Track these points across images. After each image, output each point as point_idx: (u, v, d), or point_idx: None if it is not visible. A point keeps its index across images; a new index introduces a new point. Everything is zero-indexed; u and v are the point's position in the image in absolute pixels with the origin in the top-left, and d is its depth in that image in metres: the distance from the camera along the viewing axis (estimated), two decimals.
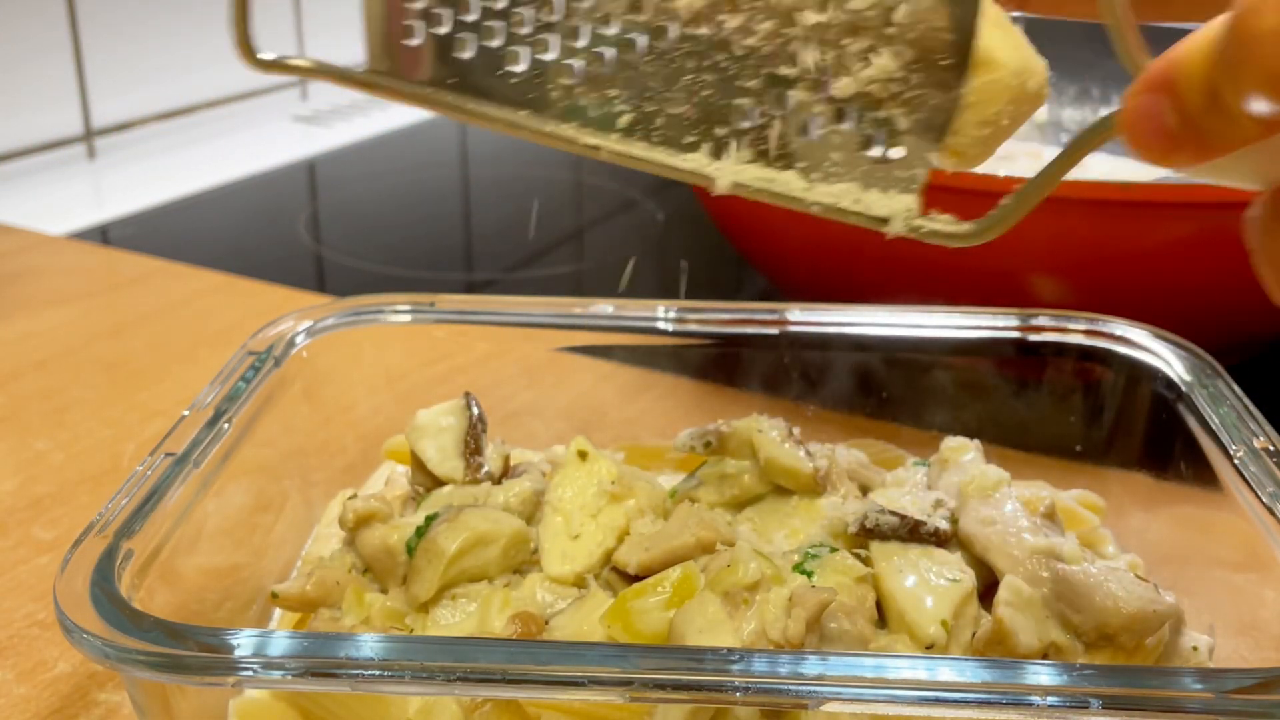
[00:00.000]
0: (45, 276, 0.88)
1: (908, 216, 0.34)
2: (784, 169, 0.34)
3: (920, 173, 0.33)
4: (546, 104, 0.35)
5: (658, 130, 0.35)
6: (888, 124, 0.33)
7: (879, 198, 0.34)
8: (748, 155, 0.34)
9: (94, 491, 0.60)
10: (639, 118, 0.35)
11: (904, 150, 0.33)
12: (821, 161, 0.34)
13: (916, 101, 0.32)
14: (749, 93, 0.34)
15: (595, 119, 0.35)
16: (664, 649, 0.38)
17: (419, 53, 0.36)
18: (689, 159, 0.35)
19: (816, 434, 0.52)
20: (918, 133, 0.33)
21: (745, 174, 0.34)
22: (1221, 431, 0.46)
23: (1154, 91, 0.29)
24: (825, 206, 0.34)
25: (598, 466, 0.47)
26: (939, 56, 0.32)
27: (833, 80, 0.33)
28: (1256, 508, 0.42)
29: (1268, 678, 0.33)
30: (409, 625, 0.43)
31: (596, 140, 0.35)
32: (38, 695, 0.47)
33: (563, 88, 0.35)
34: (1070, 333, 0.54)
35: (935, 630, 0.40)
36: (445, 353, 0.61)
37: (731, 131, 0.34)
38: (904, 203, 0.34)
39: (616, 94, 0.35)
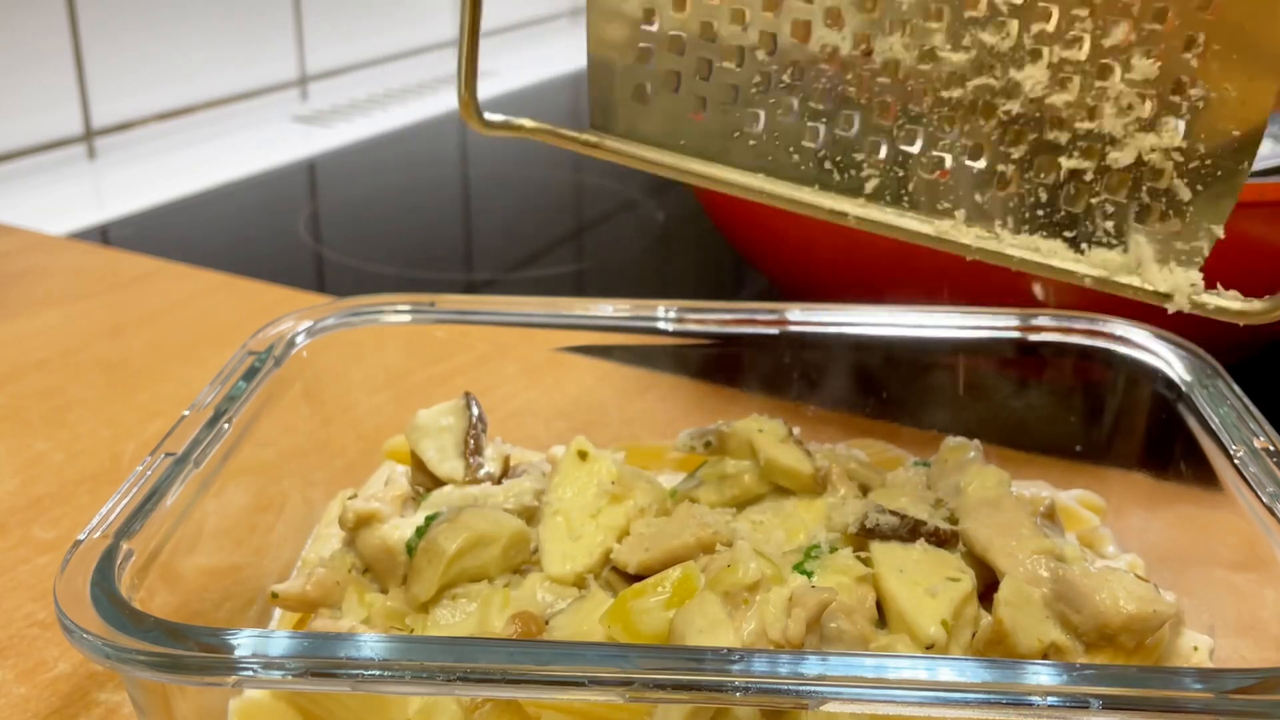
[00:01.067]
0: (45, 276, 0.88)
1: (1192, 292, 0.32)
2: (1050, 237, 0.32)
3: (1203, 245, 0.31)
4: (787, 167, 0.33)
5: (907, 195, 0.33)
6: (1169, 194, 0.31)
7: (1158, 270, 0.32)
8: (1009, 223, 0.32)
9: (94, 491, 0.60)
10: (887, 183, 0.33)
11: (1185, 223, 0.31)
12: (1092, 232, 0.32)
13: (1203, 173, 0.30)
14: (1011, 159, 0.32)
15: (838, 184, 0.33)
16: (664, 649, 0.38)
17: (648, 114, 0.34)
18: (942, 226, 0.33)
19: (816, 434, 0.52)
20: (1202, 205, 0.31)
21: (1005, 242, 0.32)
22: (1221, 431, 0.46)
23: None
24: (1098, 279, 0.32)
25: (598, 466, 0.47)
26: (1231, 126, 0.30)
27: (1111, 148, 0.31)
28: (1256, 508, 0.42)
29: (1268, 678, 0.33)
30: (409, 625, 0.43)
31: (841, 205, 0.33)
32: (38, 695, 0.47)
33: (805, 151, 0.33)
34: (1070, 333, 0.54)
35: (935, 630, 0.40)
36: (445, 353, 0.61)
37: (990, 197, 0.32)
38: (1187, 277, 0.32)
39: (863, 158, 0.32)
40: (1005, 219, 0.32)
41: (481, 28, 0.34)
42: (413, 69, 1.50)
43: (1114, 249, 0.32)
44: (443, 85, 1.46)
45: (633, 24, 0.33)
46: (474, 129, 0.36)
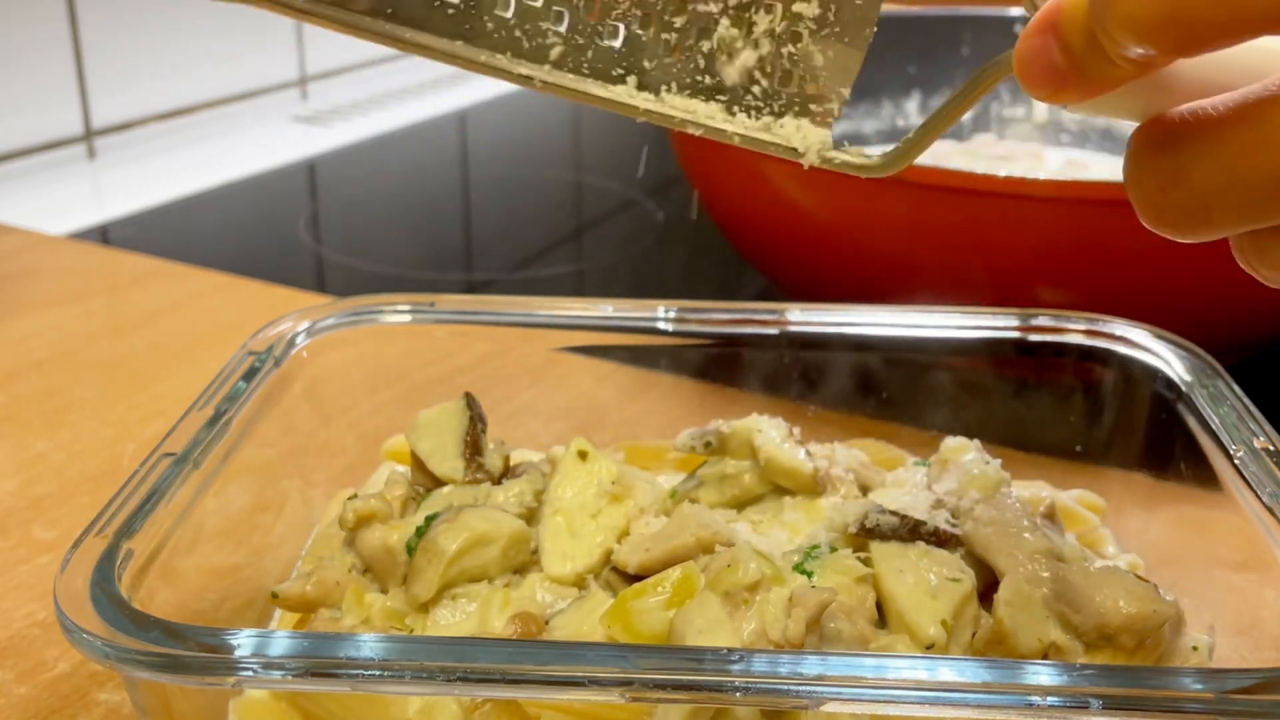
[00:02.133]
0: (45, 276, 0.88)
1: (821, 148, 0.36)
2: (707, 101, 0.36)
3: (834, 107, 0.35)
4: (482, 35, 0.36)
5: (588, 62, 0.36)
6: (806, 59, 0.35)
7: (795, 130, 0.36)
8: (673, 88, 0.36)
9: (94, 491, 0.60)
10: (569, 49, 0.36)
11: (820, 85, 0.35)
12: (743, 95, 0.36)
13: (833, 38, 0.34)
14: (674, 27, 0.35)
15: (528, 50, 0.36)
16: (664, 649, 0.38)
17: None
18: (617, 90, 0.36)
19: (816, 434, 0.52)
20: (833, 68, 0.35)
21: (668, 104, 0.36)
22: (1221, 431, 0.46)
23: (1043, 33, 0.31)
24: (744, 137, 0.36)
25: (598, 466, 0.47)
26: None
27: (755, 16, 0.35)
28: (1256, 508, 0.42)
29: (1268, 678, 0.33)
30: (409, 625, 0.43)
31: (530, 70, 0.36)
32: (38, 695, 0.47)
33: (497, 19, 0.36)
34: (1070, 333, 0.54)
35: (935, 630, 0.40)
36: (445, 353, 0.61)
37: (658, 64, 0.36)
38: (818, 135, 0.36)
39: (548, 26, 0.36)
40: (670, 84, 0.36)
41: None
42: (413, 69, 1.50)
43: (760, 110, 0.36)
44: (443, 85, 1.46)
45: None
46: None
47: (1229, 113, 0.29)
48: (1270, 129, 0.28)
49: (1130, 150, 0.32)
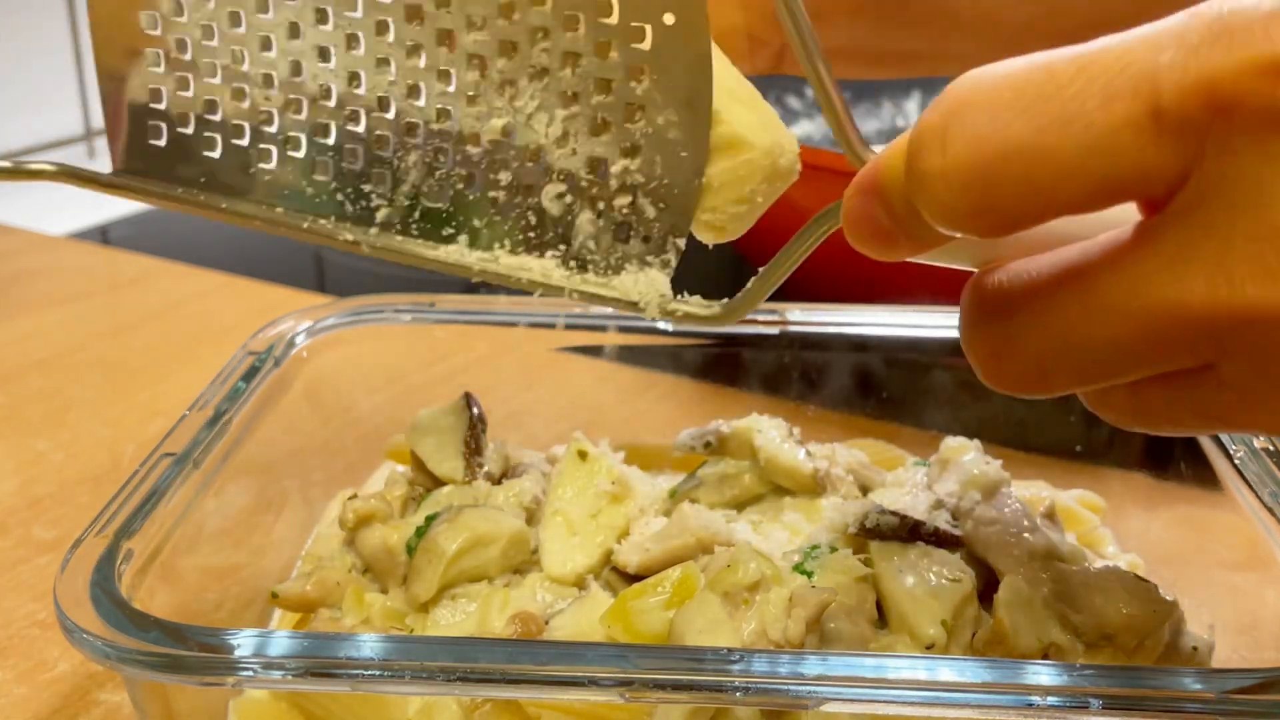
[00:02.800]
0: (45, 276, 0.88)
1: (661, 301, 0.35)
2: (542, 257, 0.35)
3: (670, 257, 0.35)
4: (303, 201, 0.35)
5: (415, 223, 0.35)
6: (638, 213, 0.34)
7: (633, 283, 0.35)
8: (506, 245, 0.35)
9: (94, 491, 0.60)
10: (394, 211, 0.35)
11: (654, 236, 0.34)
12: (578, 249, 0.35)
13: (662, 190, 0.34)
14: (501, 186, 0.34)
15: (352, 214, 0.35)
16: (664, 649, 0.38)
17: (166, 154, 0.36)
18: (448, 251, 0.35)
19: (816, 434, 0.52)
20: (666, 219, 0.34)
21: (502, 263, 0.35)
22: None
23: (864, 194, 0.31)
24: (582, 293, 0.35)
25: (598, 466, 0.47)
26: (678, 149, 0.33)
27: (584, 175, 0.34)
28: (1256, 508, 0.42)
29: (1268, 678, 0.33)
30: (409, 625, 0.43)
31: (355, 235, 0.35)
32: (38, 695, 0.47)
33: (317, 184, 0.35)
34: None
35: (935, 630, 0.40)
36: (445, 353, 0.61)
37: (487, 223, 0.35)
38: (657, 287, 0.35)
39: (371, 189, 0.35)
40: (503, 241, 0.35)
41: None
42: None
43: (595, 264, 0.35)
44: None
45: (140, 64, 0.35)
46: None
47: (1054, 278, 0.29)
48: (1097, 298, 0.28)
49: (962, 314, 0.31)
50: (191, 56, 0.35)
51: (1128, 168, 0.26)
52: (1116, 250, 0.28)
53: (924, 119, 0.28)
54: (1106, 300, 0.28)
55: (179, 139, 0.36)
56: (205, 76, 0.35)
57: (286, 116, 0.35)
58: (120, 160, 0.36)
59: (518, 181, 0.34)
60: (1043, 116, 0.26)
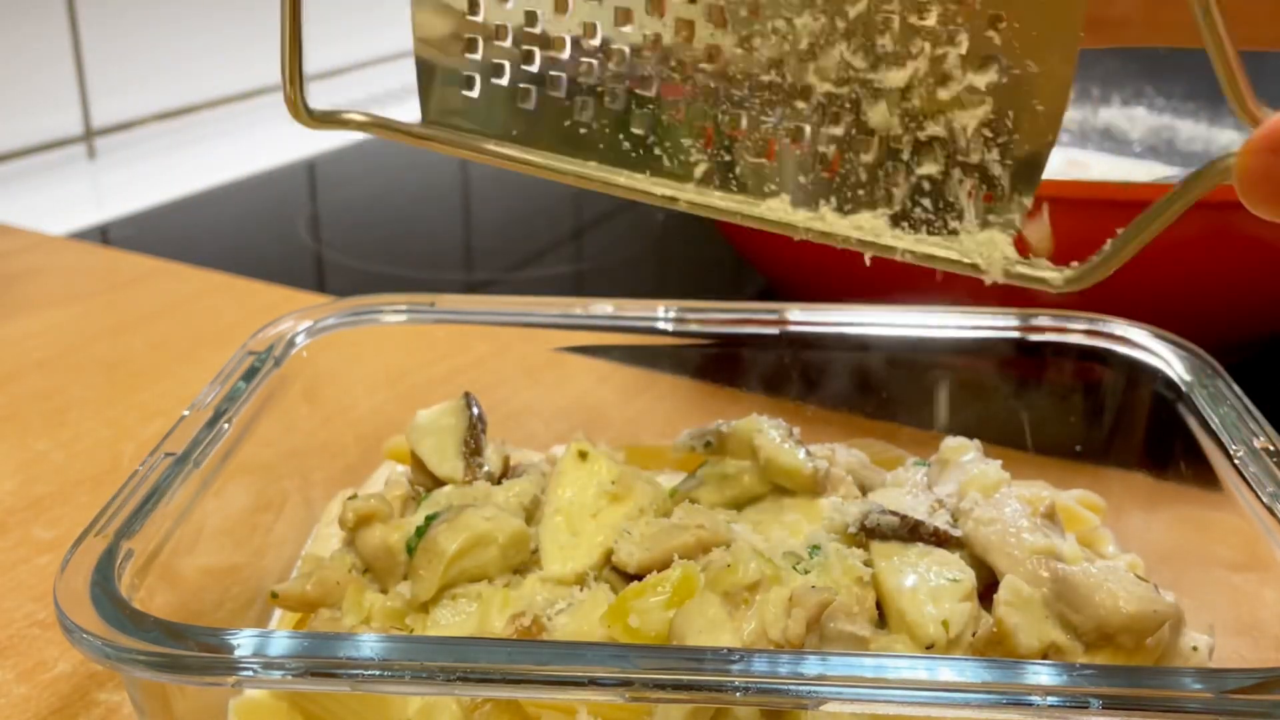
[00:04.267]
0: (45, 276, 0.88)
1: (1005, 264, 0.32)
2: (872, 215, 0.33)
3: (1015, 218, 0.32)
4: (619, 155, 0.33)
5: (735, 179, 0.33)
6: (981, 169, 0.32)
7: (974, 244, 0.32)
8: (832, 202, 0.33)
9: (94, 491, 0.60)
10: (715, 167, 0.33)
11: (998, 195, 0.32)
12: (910, 208, 0.32)
13: (1011, 146, 0.31)
14: (832, 140, 0.32)
15: (670, 169, 0.33)
16: (664, 649, 0.38)
17: (478, 105, 0.34)
18: (770, 207, 0.33)
19: (816, 434, 0.52)
20: (1013, 178, 0.32)
21: (828, 220, 0.33)
22: (1221, 431, 0.46)
23: (1273, 150, 0.28)
24: (917, 254, 0.33)
25: (598, 466, 0.47)
26: (1033, 101, 0.30)
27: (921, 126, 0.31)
28: (1256, 508, 0.42)
29: (1268, 678, 0.33)
30: (409, 625, 0.43)
31: (673, 191, 0.33)
32: (38, 695, 0.47)
33: (635, 138, 0.33)
34: (1070, 333, 0.54)
35: (935, 630, 0.40)
36: (445, 353, 0.61)
37: (813, 179, 0.32)
38: (1000, 249, 0.32)
39: (690, 143, 0.33)
40: (829, 198, 0.33)
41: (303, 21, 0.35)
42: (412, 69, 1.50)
43: (932, 224, 0.32)
44: None
45: (456, 15, 0.34)
46: (302, 124, 0.35)
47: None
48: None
49: None
50: (512, 4, 0.33)
51: None
52: None
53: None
54: None
55: (491, 91, 0.34)
56: (524, 26, 0.33)
57: (606, 69, 0.33)
58: (432, 112, 0.35)
59: (850, 135, 0.32)
60: None
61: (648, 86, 0.33)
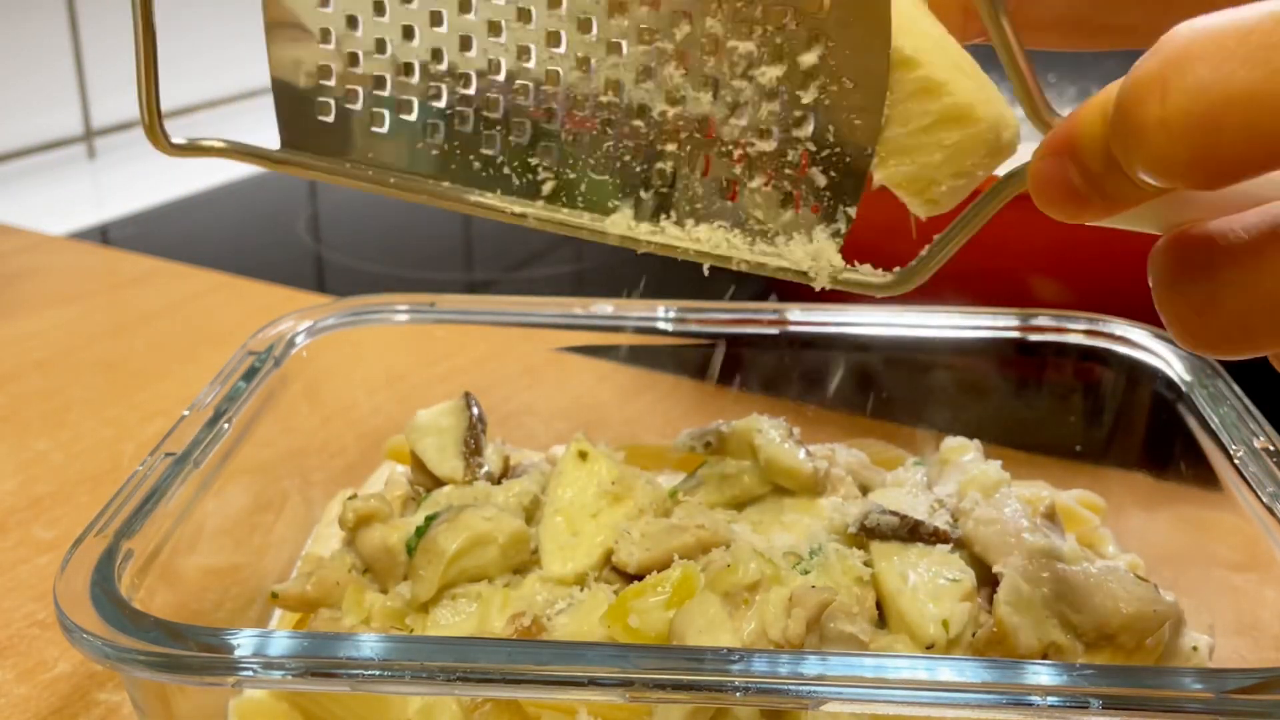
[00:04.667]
0: (45, 276, 0.88)
1: (833, 270, 0.34)
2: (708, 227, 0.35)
3: (841, 226, 0.34)
4: (470, 175, 0.35)
5: (581, 195, 0.35)
6: (808, 180, 0.34)
7: (802, 252, 0.34)
8: (671, 216, 0.35)
9: (94, 491, 0.60)
10: (562, 184, 0.35)
11: (824, 206, 0.34)
12: (744, 219, 0.34)
13: (834, 159, 0.33)
14: (668, 156, 0.34)
15: (519, 187, 0.35)
16: (664, 649, 0.38)
17: (334, 130, 0.36)
18: (614, 222, 0.35)
19: (816, 434, 0.52)
20: (836, 190, 0.34)
21: (669, 234, 0.35)
22: (1221, 431, 0.46)
23: (1057, 155, 0.30)
24: (751, 264, 0.35)
25: (598, 466, 0.47)
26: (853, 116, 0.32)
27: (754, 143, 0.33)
28: (1256, 508, 0.42)
29: (1268, 678, 0.33)
30: (409, 625, 0.43)
31: (522, 209, 0.35)
32: (38, 695, 0.47)
33: (484, 159, 0.35)
34: (1070, 333, 0.54)
35: (935, 630, 0.40)
36: (445, 353, 0.61)
37: (653, 194, 0.35)
38: (828, 256, 0.34)
39: (538, 162, 0.35)
40: (669, 212, 0.35)
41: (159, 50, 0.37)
42: None
43: (764, 234, 0.35)
44: None
45: (310, 44, 0.35)
46: (162, 152, 0.37)
47: (1261, 236, 0.28)
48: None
49: (1157, 274, 0.31)
50: (362, 33, 0.35)
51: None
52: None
53: (1140, 69, 0.27)
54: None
55: (347, 115, 0.36)
56: (375, 54, 0.35)
57: (455, 92, 0.35)
58: (289, 137, 0.37)
59: (685, 152, 0.34)
60: (1270, 64, 0.25)
61: (494, 109, 0.35)
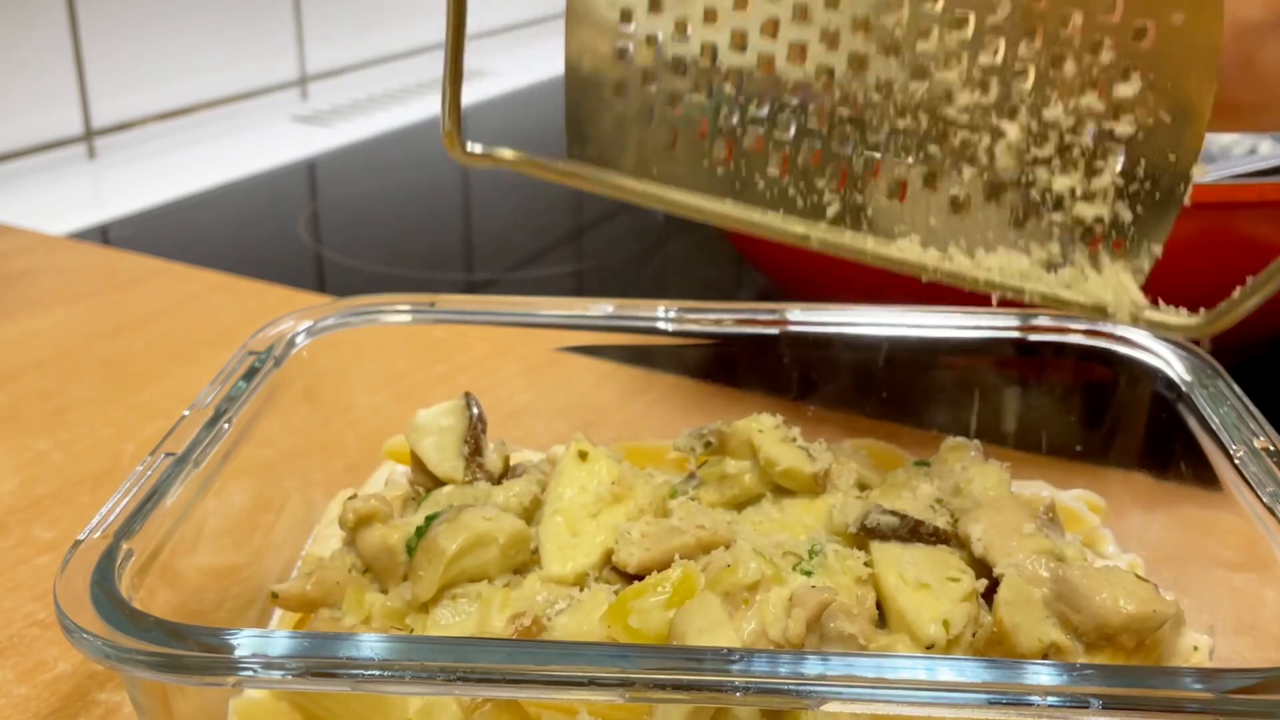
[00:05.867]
0: (45, 276, 0.88)
1: (1134, 309, 0.33)
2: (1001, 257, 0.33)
3: (1144, 263, 0.33)
4: (753, 194, 0.35)
5: (867, 219, 0.34)
6: (1114, 215, 0.32)
7: (1102, 287, 0.33)
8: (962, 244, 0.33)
9: (94, 491, 0.60)
10: (846, 208, 0.34)
11: (1129, 241, 0.32)
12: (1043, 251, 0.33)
13: (1143, 194, 0.32)
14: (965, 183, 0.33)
15: (802, 209, 0.34)
16: (664, 649, 0.38)
17: (626, 144, 0.36)
18: (901, 247, 0.34)
19: (816, 434, 0.52)
20: (1142, 224, 0.32)
21: (958, 262, 0.34)
22: (1221, 431, 0.46)
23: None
24: (1046, 297, 0.33)
25: (598, 466, 0.47)
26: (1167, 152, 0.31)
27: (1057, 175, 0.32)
28: (1256, 508, 0.42)
29: (1268, 678, 0.33)
30: (409, 625, 0.43)
31: (806, 230, 0.34)
32: (38, 695, 0.47)
33: (769, 178, 0.34)
34: (1070, 333, 0.54)
35: (935, 630, 0.40)
36: (445, 353, 0.61)
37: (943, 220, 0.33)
38: (1129, 292, 0.33)
39: (824, 184, 0.34)
40: (959, 240, 0.34)
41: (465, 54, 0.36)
42: (413, 69, 1.50)
43: (1061, 267, 0.33)
44: None
45: (607, 59, 0.35)
46: (456, 160, 0.37)
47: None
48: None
49: None
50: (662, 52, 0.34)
51: None
52: None
53: None
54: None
55: (637, 131, 0.35)
56: (671, 71, 0.34)
57: (746, 111, 0.34)
58: (577, 149, 0.36)
59: (982, 180, 0.33)
60: None
61: (784, 129, 0.34)
